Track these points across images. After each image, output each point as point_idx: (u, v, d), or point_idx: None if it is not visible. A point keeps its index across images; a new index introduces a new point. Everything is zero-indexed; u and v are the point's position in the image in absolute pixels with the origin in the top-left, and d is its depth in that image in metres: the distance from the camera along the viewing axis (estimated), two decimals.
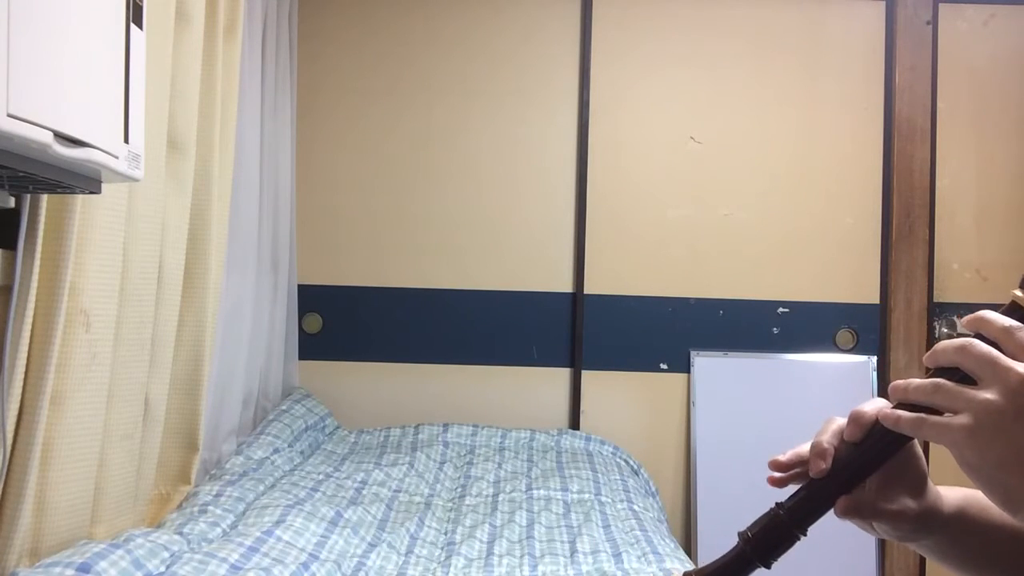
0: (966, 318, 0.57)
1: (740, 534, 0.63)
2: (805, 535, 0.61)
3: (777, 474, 0.65)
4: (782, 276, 2.83)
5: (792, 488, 0.64)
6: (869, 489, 0.63)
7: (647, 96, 2.85)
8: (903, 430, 0.57)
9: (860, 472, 0.61)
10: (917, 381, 0.56)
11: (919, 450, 0.65)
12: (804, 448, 0.65)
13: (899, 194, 2.81)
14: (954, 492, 0.68)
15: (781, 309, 2.83)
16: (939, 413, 0.55)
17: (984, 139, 2.84)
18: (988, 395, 0.52)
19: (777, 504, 0.63)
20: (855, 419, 0.61)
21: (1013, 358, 0.53)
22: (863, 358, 2.82)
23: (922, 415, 0.55)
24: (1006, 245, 2.82)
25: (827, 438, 0.62)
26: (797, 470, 0.65)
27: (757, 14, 2.84)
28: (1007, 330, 0.54)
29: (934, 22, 2.82)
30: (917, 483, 0.65)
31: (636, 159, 2.84)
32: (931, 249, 2.81)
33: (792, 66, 2.84)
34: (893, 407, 0.58)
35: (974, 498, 0.67)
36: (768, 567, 0.62)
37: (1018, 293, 0.57)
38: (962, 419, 0.52)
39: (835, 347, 2.84)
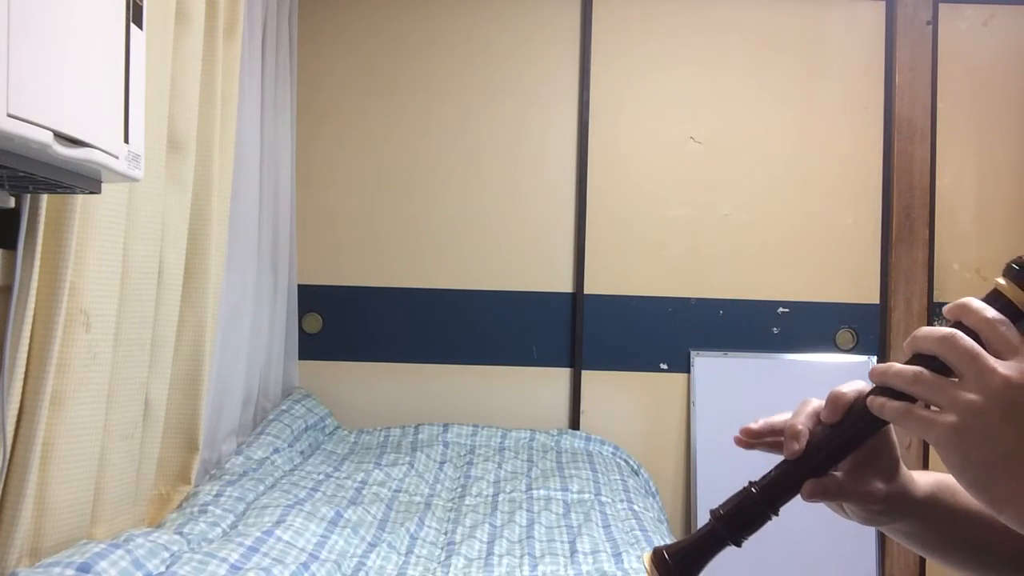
0: (948, 305, 0.56)
1: (712, 511, 0.63)
2: (777, 515, 0.61)
3: (745, 438, 0.65)
4: (782, 276, 2.83)
5: (766, 467, 0.64)
6: (839, 471, 0.63)
7: (647, 96, 2.85)
8: (887, 417, 0.56)
9: (834, 455, 0.62)
10: (897, 366, 0.56)
11: (893, 435, 0.65)
12: (776, 419, 0.65)
13: (899, 194, 2.81)
14: (926, 477, 0.68)
15: (781, 309, 2.83)
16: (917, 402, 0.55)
17: (984, 139, 2.84)
18: (971, 396, 0.52)
19: (750, 483, 0.63)
20: (833, 400, 0.61)
21: (994, 352, 0.53)
22: (863, 358, 2.82)
23: (909, 405, 0.55)
24: (1006, 245, 2.82)
25: (802, 420, 0.62)
26: (768, 439, 0.65)
27: (757, 14, 2.84)
28: (990, 322, 0.54)
29: (934, 22, 2.82)
30: (889, 467, 0.65)
31: (636, 159, 2.84)
32: (931, 249, 2.81)
33: (792, 66, 2.84)
34: (871, 391, 0.58)
35: (945, 483, 0.67)
36: (739, 545, 0.62)
37: (1001, 282, 0.56)
38: (947, 418, 0.52)
39: (835, 347, 2.84)
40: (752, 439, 0.65)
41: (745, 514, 0.61)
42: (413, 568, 1.61)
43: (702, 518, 2.69)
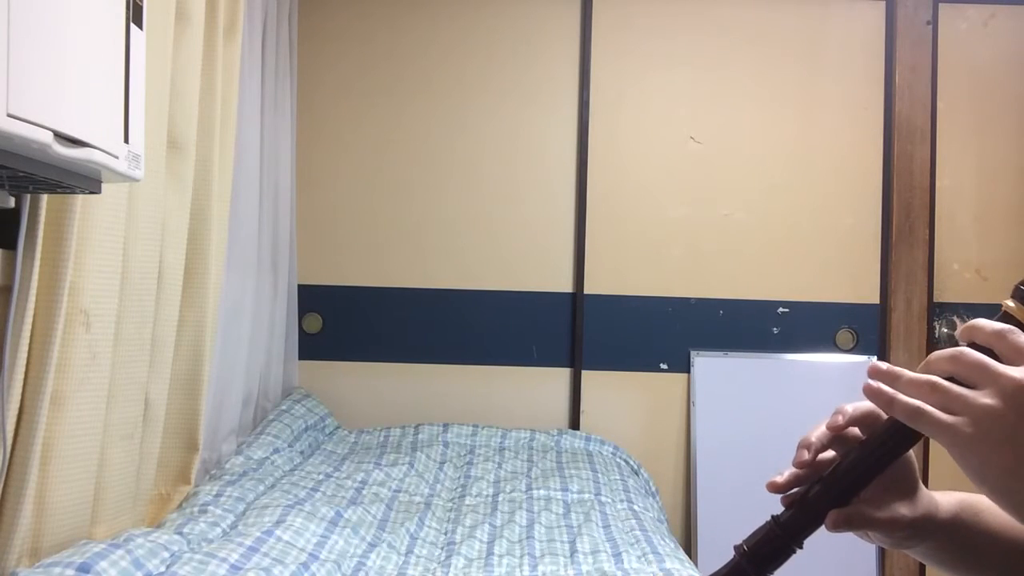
0: (959, 329, 0.56)
1: (736, 547, 0.63)
2: (801, 548, 0.62)
3: (773, 492, 0.65)
4: (782, 276, 2.83)
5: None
6: (861, 498, 0.63)
7: (647, 96, 2.85)
8: (896, 414, 0.55)
9: (855, 483, 0.61)
10: (910, 374, 0.55)
11: (912, 457, 0.65)
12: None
13: (899, 194, 2.81)
14: (949, 497, 0.68)
15: (781, 309, 2.83)
16: None
17: (984, 139, 2.84)
18: (988, 400, 0.51)
19: (773, 517, 0.63)
20: (839, 411, 0.62)
21: (1008, 362, 0.53)
22: (863, 358, 2.82)
23: (922, 406, 0.54)
24: (1006, 245, 2.82)
25: (816, 434, 0.63)
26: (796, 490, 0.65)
27: (757, 14, 2.84)
28: (999, 334, 0.54)
29: (934, 22, 2.82)
30: (909, 490, 0.65)
31: (636, 159, 2.84)
32: (931, 249, 2.81)
33: (792, 66, 2.84)
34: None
35: (968, 503, 0.67)
36: None
37: (1010, 303, 0.56)
38: (963, 423, 0.52)
39: (835, 347, 2.84)
40: (780, 492, 0.65)
41: (769, 548, 0.62)
42: (413, 568, 1.61)
43: (702, 518, 2.70)
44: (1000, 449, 0.51)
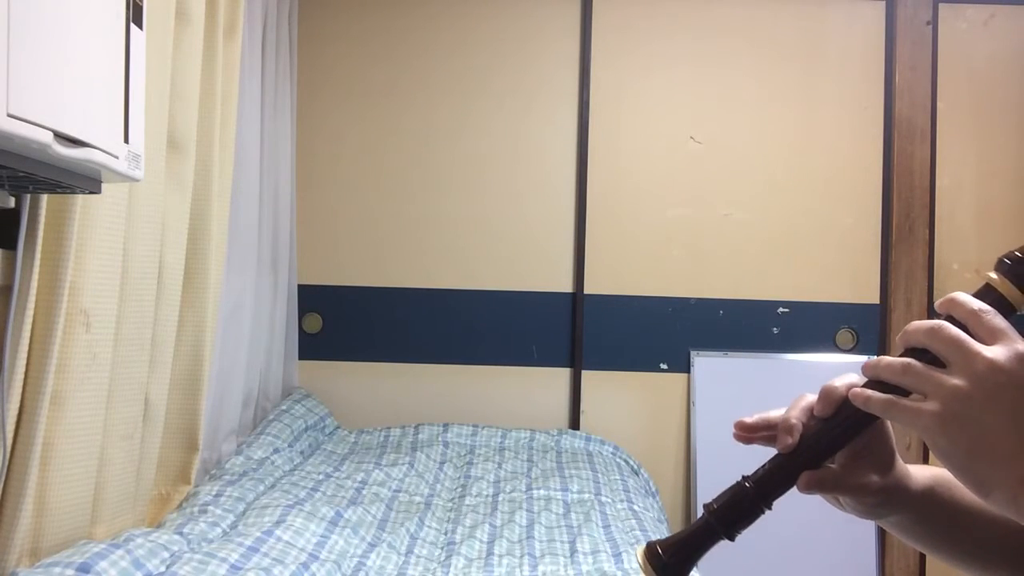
0: (939, 301, 0.57)
1: (706, 506, 0.63)
2: (770, 509, 0.62)
3: (740, 432, 0.66)
4: (782, 276, 2.83)
5: (760, 461, 0.64)
6: (834, 463, 0.63)
7: (647, 96, 2.85)
8: (872, 410, 0.56)
9: (827, 448, 0.62)
10: (888, 359, 0.56)
11: (888, 426, 0.65)
12: (772, 414, 0.65)
13: (899, 194, 2.81)
14: (924, 471, 0.68)
15: (781, 309, 2.83)
16: (908, 393, 0.55)
17: (984, 139, 2.84)
18: (956, 381, 0.52)
19: (743, 477, 0.63)
20: (825, 395, 0.62)
21: (982, 342, 0.53)
22: (863, 358, 2.82)
23: (892, 397, 0.55)
24: (1006, 245, 2.78)
25: (795, 414, 0.63)
26: (764, 433, 0.65)
27: (757, 14, 2.84)
28: (976, 313, 0.54)
29: (934, 22, 2.82)
30: (884, 458, 0.65)
31: (636, 159, 2.84)
32: (931, 249, 2.81)
33: (792, 66, 2.84)
34: (864, 384, 0.58)
35: (943, 477, 0.67)
36: (732, 539, 0.62)
37: (993, 276, 0.57)
38: (931, 405, 0.53)
39: (835, 347, 2.84)
40: (747, 433, 0.66)
41: (738, 508, 0.62)
42: (413, 568, 1.61)
43: None
44: (964, 429, 0.52)
